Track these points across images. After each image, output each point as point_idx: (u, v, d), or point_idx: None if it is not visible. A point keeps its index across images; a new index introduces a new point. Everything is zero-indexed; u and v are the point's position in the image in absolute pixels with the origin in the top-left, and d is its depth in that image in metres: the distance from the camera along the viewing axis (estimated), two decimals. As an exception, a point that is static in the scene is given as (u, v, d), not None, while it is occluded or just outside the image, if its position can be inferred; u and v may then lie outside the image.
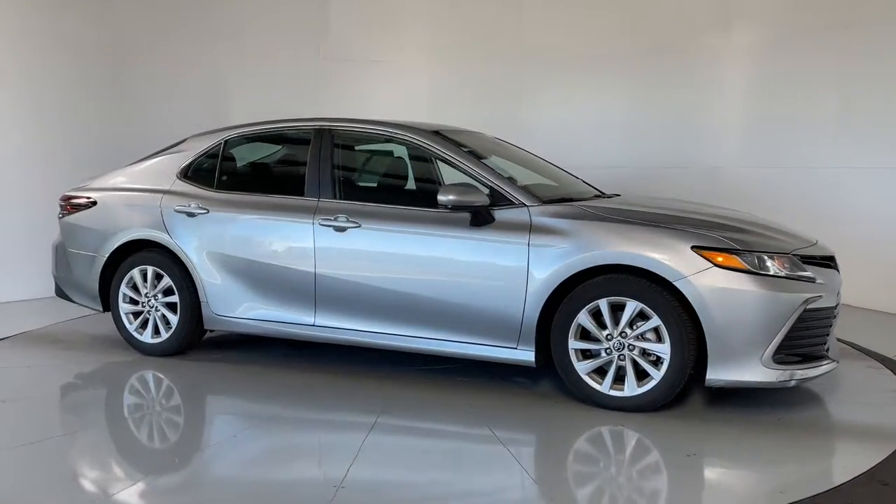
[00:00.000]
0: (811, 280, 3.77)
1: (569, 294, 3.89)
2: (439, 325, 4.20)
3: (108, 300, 5.08)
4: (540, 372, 4.39)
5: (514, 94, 7.85)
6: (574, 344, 3.90)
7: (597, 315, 3.84)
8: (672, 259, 3.69)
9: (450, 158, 4.36)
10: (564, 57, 7.75)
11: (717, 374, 3.65)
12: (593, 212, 4.00)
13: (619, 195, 4.76)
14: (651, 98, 7.55)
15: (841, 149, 6.57)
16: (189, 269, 4.76)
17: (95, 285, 5.09)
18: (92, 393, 4.53)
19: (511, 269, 3.98)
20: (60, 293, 5.40)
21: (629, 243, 3.79)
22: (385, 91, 7.81)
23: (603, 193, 4.82)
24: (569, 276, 3.86)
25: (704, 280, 3.63)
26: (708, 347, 3.65)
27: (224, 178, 4.95)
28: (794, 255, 3.82)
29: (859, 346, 5.08)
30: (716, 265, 3.64)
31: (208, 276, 4.72)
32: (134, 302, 4.98)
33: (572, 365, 3.91)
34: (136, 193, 5.03)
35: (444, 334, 4.21)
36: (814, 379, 3.83)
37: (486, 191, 4.11)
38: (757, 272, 3.65)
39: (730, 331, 3.61)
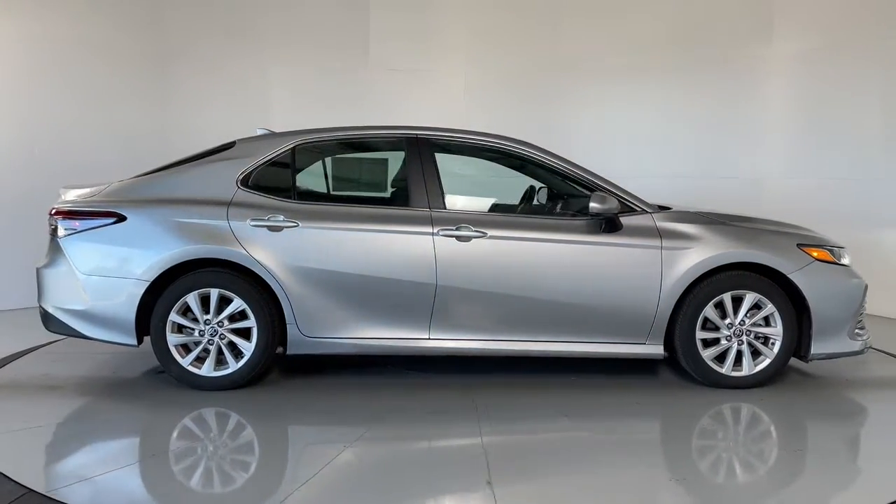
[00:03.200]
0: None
1: (692, 290, 4.38)
2: (567, 328, 4.40)
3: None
4: (613, 364, 4.79)
5: (551, 104, 7.87)
6: (700, 334, 4.40)
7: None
8: (785, 256, 4.39)
9: (563, 168, 4.55)
10: (602, 67, 7.79)
11: (819, 349, 4.43)
12: (708, 218, 4.53)
13: (670, 207, 4.96)
14: (690, 108, 7.58)
15: (888, 159, 6.55)
16: (273, 288, 4.27)
17: (131, 315, 4.27)
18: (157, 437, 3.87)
19: (647, 271, 4.35)
20: (61, 328, 4.40)
21: (749, 244, 4.41)
22: (423, 99, 7.61)
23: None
24: (700, 274, 4.34)
25: (810, 272, 4.39)
26: (813, 328, 4.40)
27: (304, 187, 4.51)
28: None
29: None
30: (815, 259, 4.42)
31: (298, 296, 4.28)
32: (182, 331, 4.30)
33: (699, 353, 4.41)
34: (187, 206, 4.34)
35: (569, 336, 4.41)
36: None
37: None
38: (839, 263, 4.50)
39: (827, 312, 4.41)
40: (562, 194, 4.78)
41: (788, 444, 3.78)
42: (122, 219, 4.29)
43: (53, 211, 4.41)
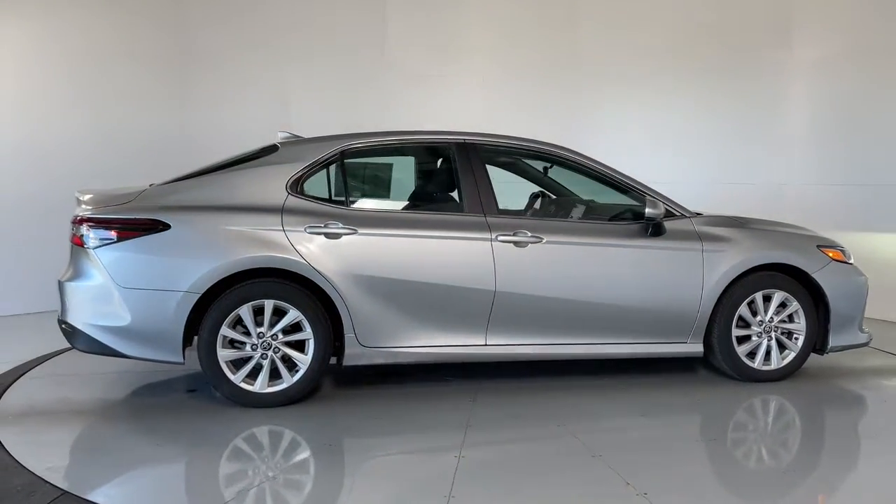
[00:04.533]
0: (849, 266, 5.16)
1: (728, 290, 4.62)
2: (617, 330, 4.53)
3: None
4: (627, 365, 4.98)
5: (570, 109, 7.73)
6: (736, 332, 4.65)
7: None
8: (808, 256, 4.72)
9: (608, 174, 4.66)
10: (621, 71, 7.68)
11: (836, 342, 4.79)
12: (739, 221, 4.79)
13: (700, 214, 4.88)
14: (710, 114, 7.54)
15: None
16: (332, 298, 4.11)
17: (179, 331, 3.98)
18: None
19: (690, 273, 4.55)
20: (93, 346, 4.02)
21: (779, 246, 4.71)
22: (440, 103, 7.44)
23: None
24: (737, 275, 4.59)
25: (828, 271, 4.74)
26: (830, 322, 4.76)
27: (356, 193, 4.37)
28: None
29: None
30: (832, 259, 4.79)
31: (358, 305, 4.15)
32: (233, 346, 4.06)
33: (735, 349, 4.66)
34: (236, 213, 4.09)
35: (619, 337, 4.54)
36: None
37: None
38: (849, 262, 4.89)
39: (842, 308, 4.78)
40: (602, 200, 4.90)
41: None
42: (165, 227, 4.00)
43: (81, 219, 4.04)
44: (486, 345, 4.37)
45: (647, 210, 4.42)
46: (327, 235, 4.13)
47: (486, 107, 7.68)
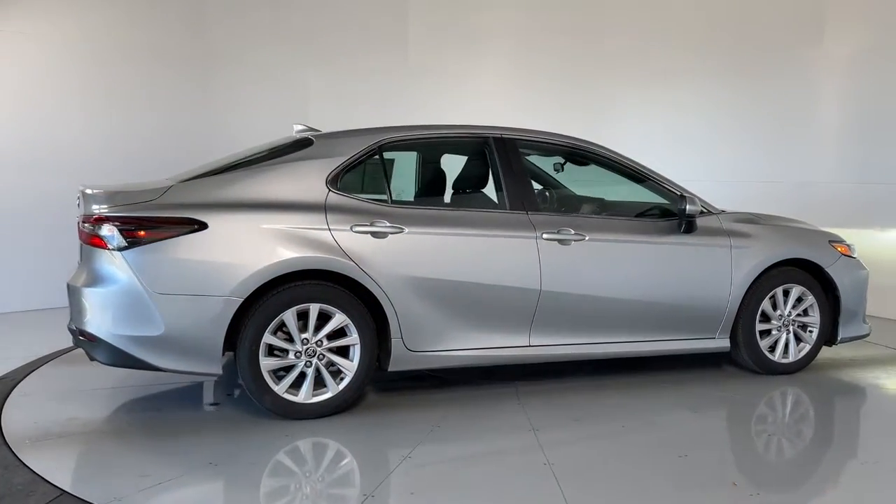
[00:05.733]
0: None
1: (753, 286, 4.71)
2: (655, 327, 4.52)
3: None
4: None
5: (593, 106, 7.52)
6: (759, 326, 4.74)
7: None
8: (823, 252, 4.88)
9: (639, 169, 4.64)
10: (646, 70, 7.47)
11: (845, 333, 4.97)
12: (760, 218, 4.88)
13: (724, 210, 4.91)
14: (736, 111, 7.36)
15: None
16: (379, 300, 3.89)
17: (219, 339, 3.65)
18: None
19: (721, 269, 4.60)
20: (119, 359, 3.63)
21: (799, 242, 4.84)
22: (462, 102, 7.20)
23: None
24: (761, 271, 4.68)
25: (839, 266, 4.92)
26: (841, 314, 4.93)
27: (397, 189, 4.14)
28: None
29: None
30: (842, 254, 4.97)
31: (404, 308, 3.94)
32: (273, 354, 3.78)
33: (758, 343, 4.75)
34: (277, 211, 3.79)
35: (655, 335, 4.54)
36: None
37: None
38: (854, 256, 5.09)
39: (850, 301, 4.96)
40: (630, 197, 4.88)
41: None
42: (202, 227, 3.66)
43: (102, 217, 3.63)
44: (529, 346, 4.26)
45: (688, 207, 4.43)
46: (374, 234, 3.90)
47: (507, 103, 7.56)
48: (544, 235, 4.21)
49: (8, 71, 6.59)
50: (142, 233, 3.61)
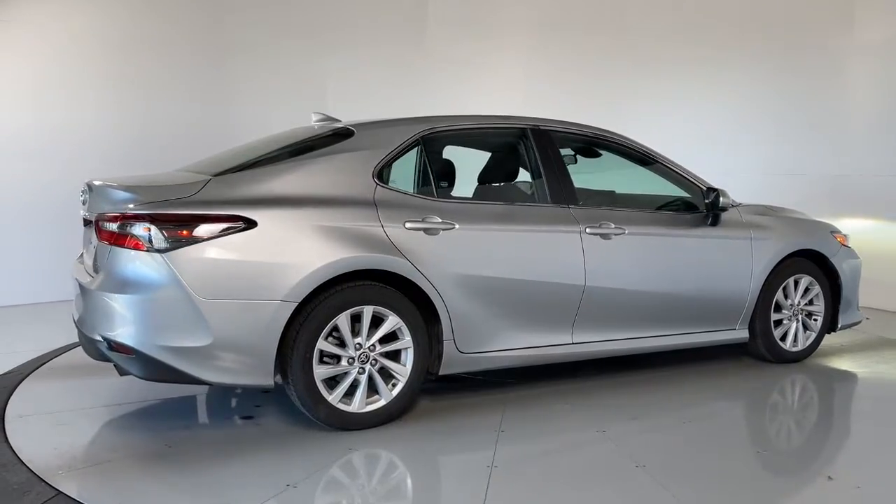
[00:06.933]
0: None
1: (768, 277, 4.80)
2: (685, 320, 4.53)
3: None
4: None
5: (615, 97, 7.22)
6: (773, 316, 4.85)
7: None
8: (828, 242, 5.04)
9: (665, 163, 4.62)
10: (669, 58, 7.18)
11: (844, 320, 5.16)
12: (772, 210, 4.97)
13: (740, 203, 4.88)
14: (764, 102, 7.14)
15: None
16: (433, 300, 3.68)
17: (272, 347, 3.34)
18: None
19: (743, 261, 4.66)
20: (163, 373, 3.25)
21: (807, 234, 4.97)
22: (480, 91, 6.95)
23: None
24: (778, 261, 4.78)
25: (840, 255, 5.10)
26: (841, 302, 5.12)
27: (443, 182, 3.92)
28: None
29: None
30: (841, 244, 5.15)
31: (457, 308, 3.75)
32: (323, 361, 3.50)
33: (773, 333, 4.85)
34: (327, 206, 3.50)
35: (684, 327, 4.55)
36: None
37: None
38: (849, 246, 5.29)
39: (848, 289, 5.16)
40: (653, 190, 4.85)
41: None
42: (251, 225, 3.33)
43: (139, 215, 3.25)
44: (572, 343, 4.16)
45: (721, 200, 4.45)
46: (426, 231, 3.69)
47: (527, 94, 7.37)
48: (587, 230, 4.12)
49: (21, 61, 6.48)
50: (185, 232, 3.25)
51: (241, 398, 4.08)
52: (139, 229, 3.24)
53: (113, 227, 3.32)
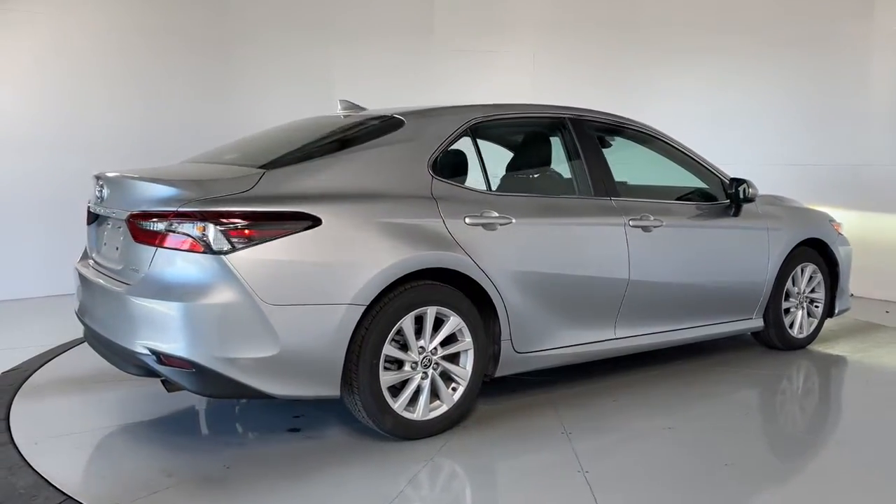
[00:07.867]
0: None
1: (781, 266, 4.88)
2: (712, 310, 4.54)
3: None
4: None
5: (627, 86, 6.97)
6: (784, 304, 4.94)
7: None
8: (828, 230, 5.18)
9: (688, 153, 4.59)
10: (683, 47, 6.95)
11: (839, 306, 5.33)
12: (778, 200, 5.05)
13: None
14: (782, 91, 6.97)
15: None
16: (493, 299, 3.50)
17: (340, 354, 3.09)
18: None
19: (761, 251, 4.72)
20: (224, 387, 2.93)
21: (813, 223, 5.08)
22: (489, 81, 6.76)
23: None
24: (789, 251, 4.86)
25: (838, 243, 5.25)
26: (838, 288, 5.28)
27: (495, 174, 3.73)
28: None
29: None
30: (838, 233, 5.31)
31: (515, 306, 3.59)
32: (386, 367, 3.28)
33: (783, 320, 4.95)
34: (388, 202, 3.26)
35: (711, 318, 4.56)
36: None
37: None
38: (843, 234, 5.46)
39: (844, 275, 5.33)
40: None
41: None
42: (315, 222, 3.05)
43: (183, 212, 2.91)
44: (615, 338, 4.08)
45: (750, 191, 4.48)
46: (485, 226, 3.51)
47: (538, 83, 7.13)
48: (630, 222, 4.05)
49: (28, 53, 6.44)
50: (248, 231, 2.94)
51: (275, 409, 3.78)
52: (192, 229, 2.91)
53: (159, 226, 2.97)
